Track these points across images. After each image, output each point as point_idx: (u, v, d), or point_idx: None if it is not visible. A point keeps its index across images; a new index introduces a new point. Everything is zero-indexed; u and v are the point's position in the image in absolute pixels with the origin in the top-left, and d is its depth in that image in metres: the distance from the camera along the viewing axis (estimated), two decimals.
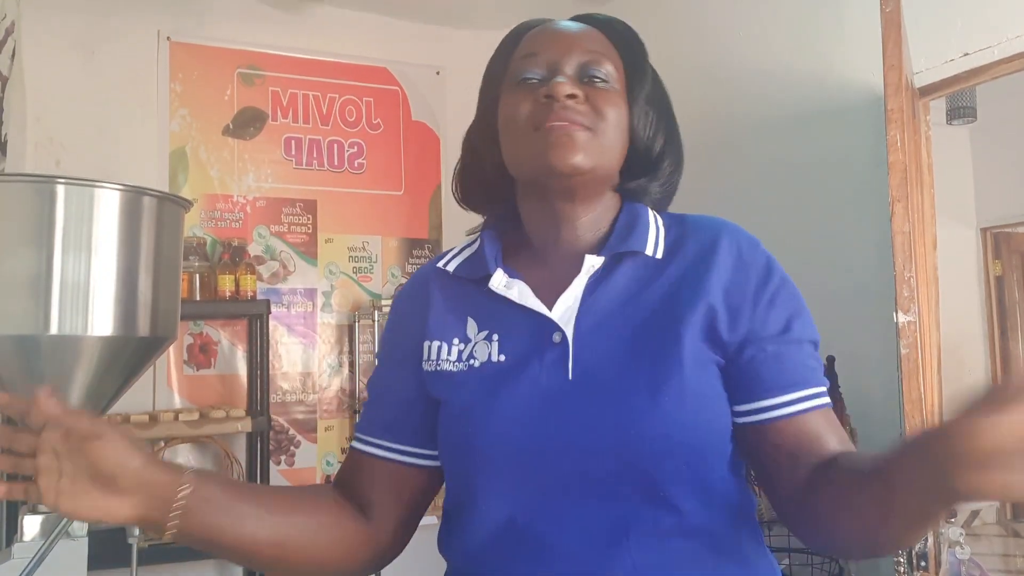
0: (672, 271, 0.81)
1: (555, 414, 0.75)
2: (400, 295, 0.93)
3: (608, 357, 0.77)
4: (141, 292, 1.13)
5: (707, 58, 2.54)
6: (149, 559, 2.47)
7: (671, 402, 0.73)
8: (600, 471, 0.74)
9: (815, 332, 0.81)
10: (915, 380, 1.40)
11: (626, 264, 0.81)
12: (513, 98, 0.81)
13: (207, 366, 2.93)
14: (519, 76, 0.82)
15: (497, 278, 0.82)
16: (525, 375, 0.78)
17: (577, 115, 0.78)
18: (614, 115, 0.80)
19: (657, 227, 0.84)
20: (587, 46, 0.82)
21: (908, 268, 1.42)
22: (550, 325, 0.79)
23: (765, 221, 2.34)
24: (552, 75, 0.80)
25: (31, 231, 1.05)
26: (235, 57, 3.04)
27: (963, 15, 1.81)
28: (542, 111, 0.78)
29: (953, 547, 1.50)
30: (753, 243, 0.82)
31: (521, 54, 0.83)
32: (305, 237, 3.10)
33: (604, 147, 0.80)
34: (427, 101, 3.31)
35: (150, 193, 1.14)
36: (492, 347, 0.81)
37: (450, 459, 0.82)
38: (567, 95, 0.78)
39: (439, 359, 0.83)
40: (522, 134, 0.80)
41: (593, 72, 0.81)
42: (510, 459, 0.76)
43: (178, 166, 2.94)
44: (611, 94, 0.81)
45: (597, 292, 0.80)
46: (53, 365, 1.07)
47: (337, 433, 3.11)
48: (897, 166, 1.44)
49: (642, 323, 0.78)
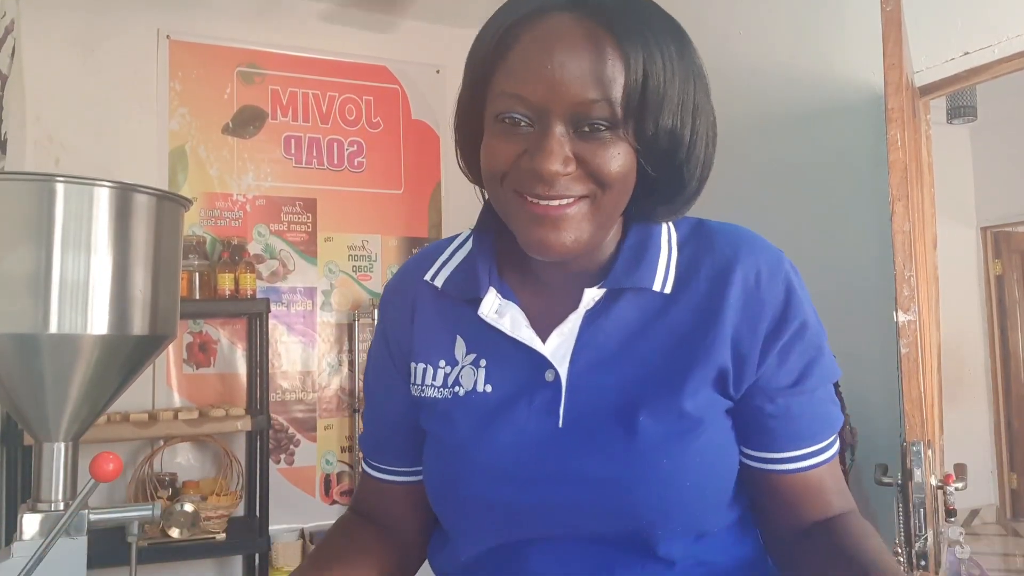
0: (680, 308, 0.71)
1: (542, 467, 0.70)
2: (386, 299, 0.85)
3: (603, 406, 0.70)
4: (140, 291, 1.13)
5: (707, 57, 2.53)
6: (149, 558, 2.47)
7: (672, 465, 0.67)
8: (588, 527, 0.70)
9: (834, 370, 0.74)
10: (915, 380, 1.40)
11: (629, 297, 0.72)
12: (494, 141, 0.67)
13: (207, 365, 2.93)
14: (502, 113, 0.65)
15: (488, 302, 0.73)
16: (512, 416, 0.71)
17: (568, 190, 0.64)
18: (617, 171, 0.65)
19: (669, 250, 0.73)
20: (583, 83, 0.63)
21: (908, 267, 1.41)
22: (542, 362, 0.71)
23: (765, 221, 2.35)
24: (541, 127, 0.64)
25: (30, 229, 1.05)
26: (235, 56, 3.04)
27: (963, 14, 1.81)
28: (524, 179, 0.65)
29: (953, 546, 1.50)
30: (773, 271, 0.71)
31: (503, 84, 0.65)
32: (305, 236, 3.10)
33: (605, 212, 0.67)
34: (427, 100, 3.31)
35: (149, 192, 1.14)
36: (479, 375, 0.74)
37: (434, 497, 0.78)
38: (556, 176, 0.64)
39: (423, 383, 0.78)
40: (503, 195, 0.68)
41: (593, 121, 0.64)
42: (493, 511, 0.72)
43: (178, 165, 2.94)
44: (611, 143, 0.64)
45: (595, 326, 0.71)
46: (52, 364, 1.07)
47: (337, 432, 3.11)
48: (897, 165, 1.43)
49: (644, 368, 0.70)
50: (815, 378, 0.72)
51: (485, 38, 0.69)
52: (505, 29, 0.66)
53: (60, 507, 1.10)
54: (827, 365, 0.74)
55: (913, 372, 1.40)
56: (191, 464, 2.87)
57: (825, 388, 0.74)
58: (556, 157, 0.63)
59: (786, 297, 0.71)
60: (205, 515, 2.57)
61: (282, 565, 2.79)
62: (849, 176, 2.07)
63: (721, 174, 2.29)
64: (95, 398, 1.13)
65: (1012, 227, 5.15)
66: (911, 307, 1.41)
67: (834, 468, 0.75)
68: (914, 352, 1.40)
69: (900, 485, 1.44)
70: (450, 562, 0.80)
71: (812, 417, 0.72)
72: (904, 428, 1.41)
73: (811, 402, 0.72)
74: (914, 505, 1.41)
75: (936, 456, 1.63)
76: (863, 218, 2.01)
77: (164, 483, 2.72)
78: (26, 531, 1.07)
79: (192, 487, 2.78)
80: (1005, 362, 5.17)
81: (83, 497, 1.03)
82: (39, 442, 1.12)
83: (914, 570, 1.40)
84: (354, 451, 3.12)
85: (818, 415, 0.73)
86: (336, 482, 3.09)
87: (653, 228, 0.74)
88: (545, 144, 0.63)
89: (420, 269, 0.81)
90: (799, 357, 0.71)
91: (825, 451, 0.73)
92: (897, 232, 1.43)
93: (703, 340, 0.70)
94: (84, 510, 1.07)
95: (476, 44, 0.70)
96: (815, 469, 0.73)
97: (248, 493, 2.83)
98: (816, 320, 0.73)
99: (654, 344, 0.71)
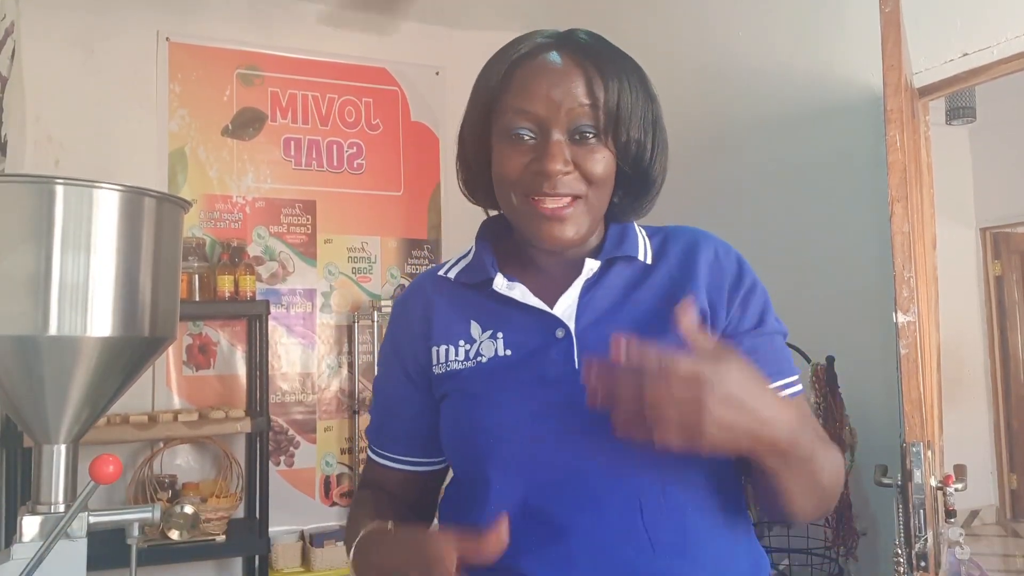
0: (660, 274, 0.88)
1: (563, 400, 0.80)
2: (401, 304, 0.97)
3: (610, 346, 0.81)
4: (140, 292, 1.13)
5: (707, 57, 2.54)
6: (148, 559, 2.47)
7: None
8: (611, 453, 0.77)
9: (783, 325, 0.89)
10: (915, 380, 1.40)
11: (618, 268, 0.88)
12: (505, 155, 0.84)
13: (206, 367, 2.93)
14: (510, 129, 0.83)
15: (499, 281, 0.87)
16: (533, 368, 0.83)
17: (567, 188, 0.82)
18: (601, 172, 0.83)
19: (644, 237, 0.91)
20: (575, 95, 0.81)
21: (908, 268, 1.41)
22: (553, 321, 0.85)
23: (764, 221, 2.35)
24: (544, 136, 0.82)
25: (30, 231, 1.05)
26: (234, 57, 3.04)
27: (963, 15, 1.81)
28: (533, 182, 0.82)
29: (953, 547, 1.50)
30: (726, 248, 0.90)
31: (512, 102, 0.83)
32: (304, 238, 3.10)
33: (595, 209, 0.85)
34: (426, 101, 3.31)
35: (149, 193, 1.14)
36: (498, 343, 0.86)
37: (459, 446, 0.87)
38: (559, 174, 0.80)
39: (447, 360, 0.88)
40: (515, 201, 0.84)
41: (583, 129, 0.82)
42: (522, 446, 0.80)
43: (177, 166, 2.94)
44: (597, 148, 0.83)
45: (593, 292, 0.86)
46: (52, 366, 1.07)
47: (336, 433, 3.11)
48: (896, 166, 1.43)
49: (640, 319, 0.84)
50: (770, 323, 0.87)
51: (492, 70, 0.86)
52: (511, 63, 0.85)
53: (60, 509, 1.11)
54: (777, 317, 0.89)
55: (913, 373, 1.40)
56: (191, 466, 2.87)
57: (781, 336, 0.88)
58: (558, 159, 0.81)
59: (739, 266, 0.89)
60: (205, 517, 2.57)
61: (282, 567, 2.79)
62: (848, 177, 2.07)
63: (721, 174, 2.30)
64: (95, 400, 1.13)
65: (1011, 228, 5.15)
66: (911, 308, 1.41)
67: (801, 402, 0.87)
68: (914, 353, 1.40)
69: (900, 486, 1.44)
70: (475, 520, 0.81)
71: (775, 354, 0.86)
72: (904, 429, 1.41)
73: (772, 343, 0.86)
74: (914, 506, 1.41)
75: (936, 457, 1.63)
76: (862, 219, 2.01)
77: (164, 485, 2.72)
78: (26, 533, 1.07)
79: (192, 489, 2.77)
80: (1005, 363, 5.17)
81: (83, 499, 1.03)
82: (39, 444, 1.13)
83: (914, 571, 1.40)
84: (354, 453, 3.12)
85: (779, 353, 0.87)
86: (336, 484, 3.09)
87: (628, 225, 0.92)
88: (549, 149, 0.81)
89: (431, 273, 0.96)
90: (755, 307, 0.87)
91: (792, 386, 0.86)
92: (896, 233, 1.43)
93: (683, 291, 0.85)
94: (84, 512, 1.07)
95: (483, 76, 0.88)
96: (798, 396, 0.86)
97: (248, 495, 2.83)
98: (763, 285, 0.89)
99: (643, 301, 0.86)
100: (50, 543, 1.00)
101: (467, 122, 0.90)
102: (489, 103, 0.86)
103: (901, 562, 1.42)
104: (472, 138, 0.89)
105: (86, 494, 1.03)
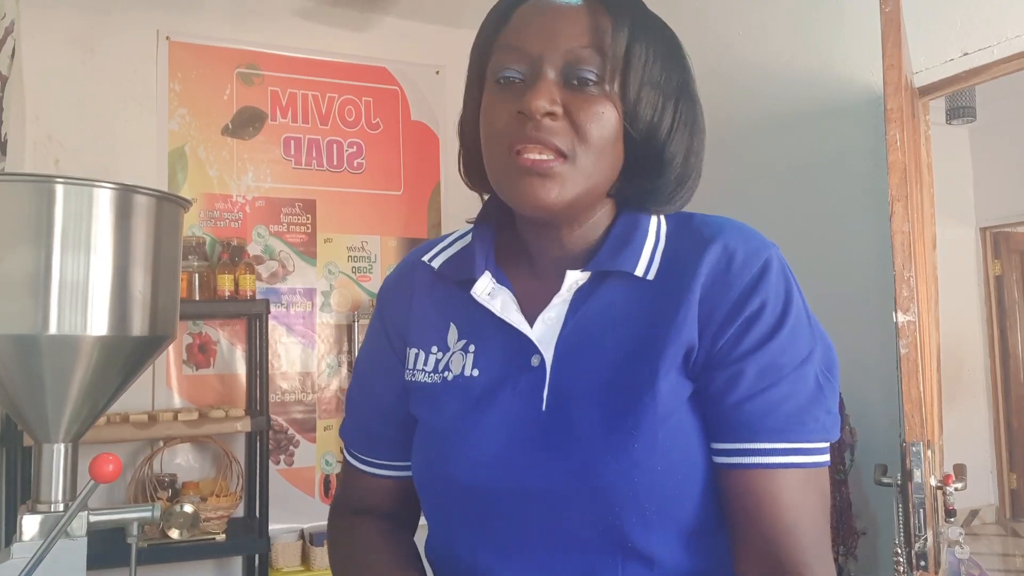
0: (662, 294, 0.71)
1: (524, 452, 0.70)
2: (385, 289, 0.88)
3: (584, 391, 0.70)
4: (140, 291, 1.13)
5: (707, 57, 2.54)
6: (148, 559, 2.47)
7: (642, 449, 0.67)
8: (567, 518, 0.68)
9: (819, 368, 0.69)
10: (914, 380, 1.40)
11: (614, 281, 0.73)
12: (491, 102, 0.72)
13: (206, 366, 2.93)
14: (499, 73, 0.71)
15: (482, 284, 0.75)
16: (497, 399, 0.73)
17: (553, 136, 0.68)
18: (598, 130, 0.69)
19: (656, 239, 0.74)
20: (576, 34, 0.69)
21: (908, 268, 1.41)
22: (529, 346, 0.73)
23: (764, 221, 2.34)
24: (534, 75, 0.69)
25: (29, 230, 1.05)
26: (234, 56, 3.04)
27: (962, 15, 1.81)
28: (516, 129, 0.69)
29: (953, 546, 1.50)
30: (752, 253, 0.70)
31: (504, 41, 0.72)
32: (304, 237, 3.10)
33: (585, 173, 0.69)
34: (426, 101, 3.31)
35: (149, 193, 1.14)
36: (467, 360, 0.76)
37: (419, 483, 0.79)
38: (543, 113, 0.67)
39: (415, 368, 0.80)
40: (497, 154, 0.71)
41: (580, 73, 0.69)
42: (476, 499, 0.72)
43: (177, 165, 2.94)
44: (598, 100, 0.69)
45: (581, 311, 0.73)
46: (52, 365, 1.07)
47: (336, 433, 3.11)
48: (897, 166, 1.43)
49: (623, 353, 0.70)
50: (786, 350, 0.67)
51: (490, 16, 0.75)
52: (508, 4, 0.74)
53: (60, 508, 1.10)
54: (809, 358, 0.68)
55: (912, 372, 1.40)
56: (191, 465, 2.87)
57: (810, 384, 0.68)
58: (544, 95, 0.67)
59: (755, 281, 0.68)
60: (205, 516, 2.57)
61: (282, 566, 2.79)
62: (848, 176, 2.07)
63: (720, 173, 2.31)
64: (95, 399, 1.13)
65: (1011, 227, 5.15)
66: (910, 307, 1.41)
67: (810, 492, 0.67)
68: (913, 352, 1.40)
69: (900, 485, 1.45)
70: (440, 565, 0.80)
71: (781, 401, 0.67)
72: (904, 428, 1.41)
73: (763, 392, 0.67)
74: (914, 505, 1.41)
75: (935, 456, 1.63)
76: (862, 218, 2.01)
77: (164, 484, 2.72)
78: (26, 532, 1.07)
79: (192, 488, 2.77)
80: (1004, 362, 5.17)
81: (83, 498, 1.03)
82: (39, 443, 1.12)
83: (914, 570, 1.40)
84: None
85: (792, 401, 0.67)
86: (336, 483, 3.09)
87: (642, 218, 0.75)
88: (535, 85, 0.68)
89: (419, 254, 0.84)
90: (761, 330, 0.68)
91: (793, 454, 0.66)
92: (896, 232, 1.43)
93: (673, 321, 0.69)
94: (84, 511, 1.07)
95: (483, 24, 0.76)
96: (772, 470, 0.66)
97: (248, 494, 2.83)
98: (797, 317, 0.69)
99: (634, 329, 0.71)
100: (50, 542, 1.00)
101: (466, 89, 0.78)
102: (485, 54, 0.74)
103: (901, 561, 1.42)
104: (468, 97, 0.77)
105: (86, 493, 1.03)
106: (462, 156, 0.81)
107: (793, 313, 0.68)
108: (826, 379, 0.69)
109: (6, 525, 2.47)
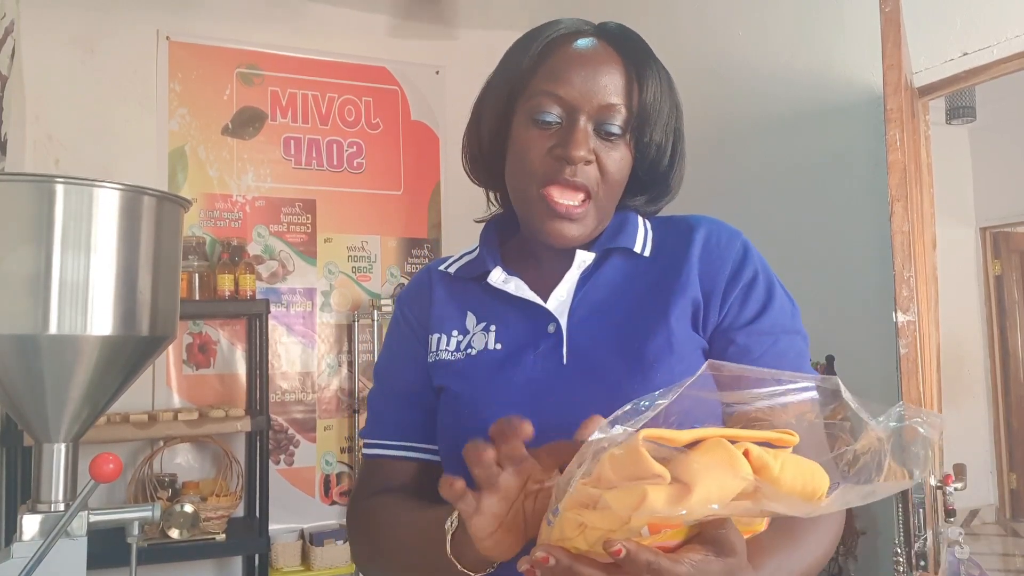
0: (657, 266, 0.85)
1: (551, 397, 0.78)
2: (403, 298, 0.96)
3: (601, 342, 0.80)
4: (140, 291, 1.13)
5: (707, 56, 2.54)
6: (149, 559, 2.47)
7: (663, 381, 0.72)
8: None
9: (798, 324, 0.82)
10: (915, 380, 1.40)
11: (615, 259, 0.86)
12: (527, 140, 0.81)
13: (206, 366, 2.93)
14: (537, 114, 0.80)
15: (496, 274, 0.86)
16: (521, 362, 0.82)
17: (585, 179, 0.80)
18: (618, 172, 0.82)
19: (646, 230, 0.89)
20: (610, 91, 0.80)
21: (908, 268, 1.42)
22: (545, 315, 0.83)
23: (764, 220, 2.35)
24: (571, 123, 0.79)
25: (30, 230, 1.05)
26: (234, 56, 3.04)
27: (962, 15, 1.81)
28: (551, 168, 0.80)
29: (952, 546, 1.50)
30: (731, 233, 0.85)
31: (545, 87, 0.81)
32: (304, 237, 3.10)
33: (604, 210, 0.83)
34: (426, 101, 3.31)
35: (149, 192, 1.14)
36: (489, 337, 0.85)
37: (448, 445, 0.84)
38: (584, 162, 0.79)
39: (439, 349, 0.87)
40: (529, 190, 0.81)
41: (609, 128, 0.80)
42: None
43: (177, 165, 2.94)
44: (618, 146, 0.81)
45: (588, 285, 0.84)
46: (52, 365, 1.07)
47: (336, 433, 3.11)
48: (896, 166, 1.44)
49: (632, 311, 0.82)
50: (777, 320, 0.80)
51: (524, 49, 0.84)
52: (545, 44, 0.82)
53: (60, 508, 1.11)
54: (790, 315, 0.81)
55: (912, 372, 1.40)
56: (191, 465, 2.87)
57: (793, 339, 0.81)
58: (583, 145, 0.79)
59: (743, 254, 0.83)
60: (205, 516, 2.57)
61: (282, 566, 2.79)
62: (848, 176, 2.07)
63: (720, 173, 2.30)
64: (95, 399, 1.14)
65: (1011, 227, 5.15)
66: (910, 307, 1.41)
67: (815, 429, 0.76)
68: (913, 352, 1.40)
69: None
70: None
71: (777, 357, 0.78)
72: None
73: (775, 344, 0.79)
74: (913, 505, 1.41)
75: (935, 456, 1.63)
76: (862, 219, 2.01)
77: (164, 484, 2.72)
78: (26, 532, 1.07)
79: (192, 488, 2.78)
80: (1005, 362, 5.17)
81: (83, 498, 1.03)
82: (39, 443, 1.13)
83: (914, 570, 1.40)
84: (354, 452, 3.12)
85: (784, 357, 0.79)
86: (336, 483, 3.09)
87: (630, 214, 0.89)
88: (575, 135, 0.79)
89: (434, 265, 0.96)
90: (756, 300, 0.81)
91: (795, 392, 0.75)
92: (896, 232, 1.43)
93: (676, 281, 0.82)
94: (84, 511, 1.07)
95: (513, 54, 0.85)
96: None
97: (248, 494, 2.83)
98: (780, 286, 0.83)
99: (638, 294, 0.83)
100: (50, 542, 1.00)
101: (488, 99, 0.87)
102: (516, 83, 0.83)
103: (901, 561, 1.42)
104: (491, 116, 0.86)
105: (86, 493, 1.03)
106: (468, 158, 0.91)
107: (776, 281, 0.84)
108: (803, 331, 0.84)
109: (6, 525, 2.47)
